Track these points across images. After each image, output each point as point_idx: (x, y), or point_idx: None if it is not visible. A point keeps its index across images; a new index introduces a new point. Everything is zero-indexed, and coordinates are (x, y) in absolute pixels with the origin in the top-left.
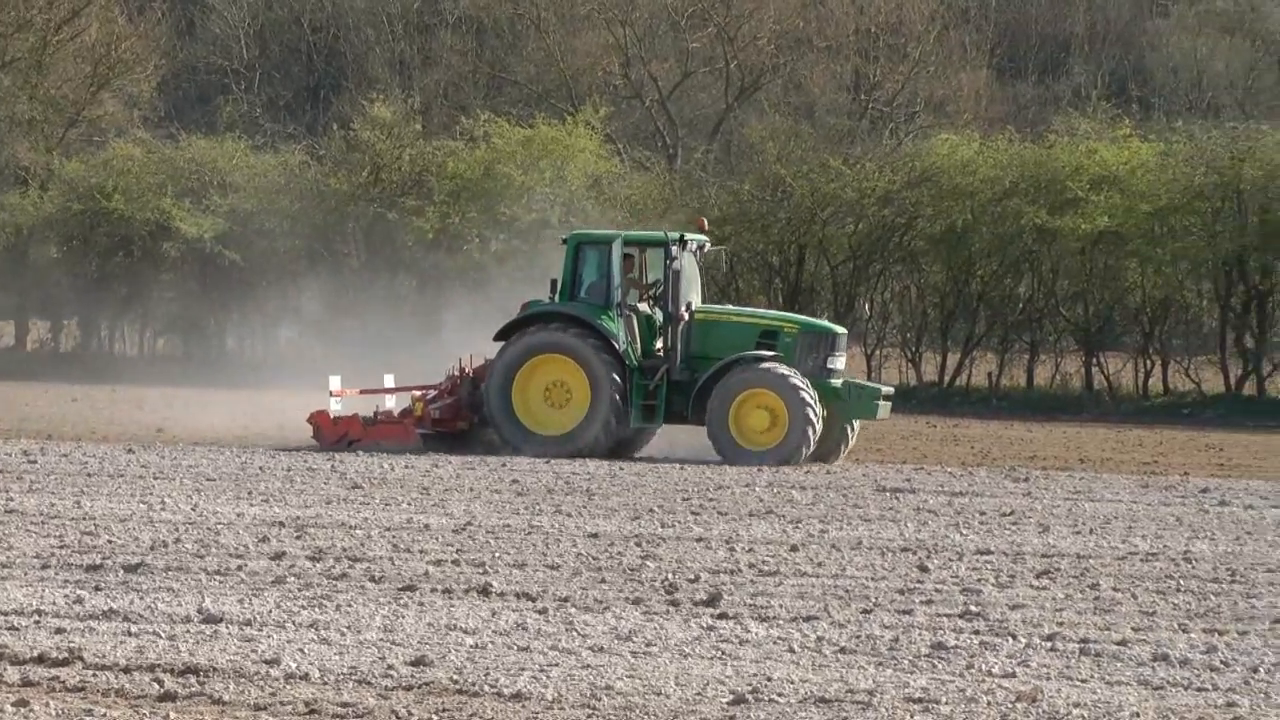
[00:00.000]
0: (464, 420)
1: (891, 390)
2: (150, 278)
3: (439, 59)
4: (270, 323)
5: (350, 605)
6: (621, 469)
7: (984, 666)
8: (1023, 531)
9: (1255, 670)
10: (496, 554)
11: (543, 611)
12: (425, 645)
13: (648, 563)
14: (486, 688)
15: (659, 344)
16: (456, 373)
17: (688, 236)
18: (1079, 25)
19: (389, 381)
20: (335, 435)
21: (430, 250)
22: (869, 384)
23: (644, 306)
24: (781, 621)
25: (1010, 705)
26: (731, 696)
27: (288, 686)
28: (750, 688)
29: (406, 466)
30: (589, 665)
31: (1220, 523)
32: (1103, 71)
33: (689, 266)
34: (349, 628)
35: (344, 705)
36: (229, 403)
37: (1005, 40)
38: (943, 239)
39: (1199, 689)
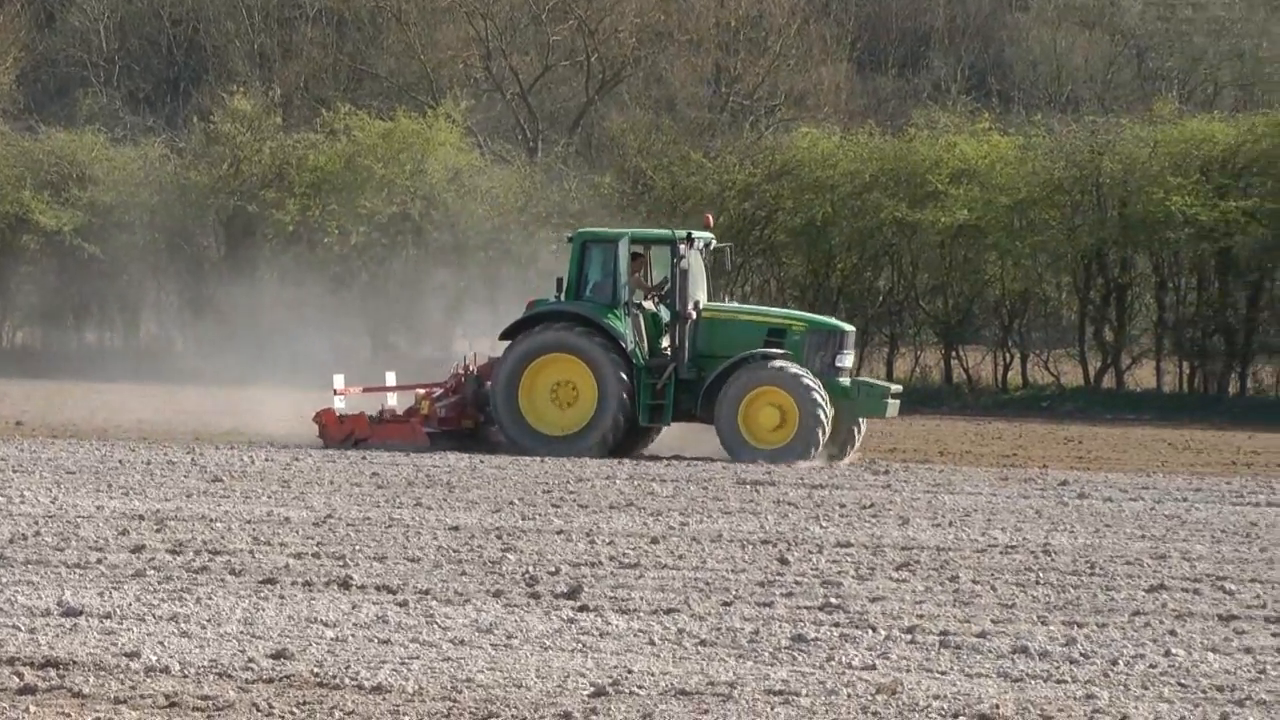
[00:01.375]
0: (469, 419)
1: (900, 389)
2: (9, 271)
3: (299, 52)
4: (130, 316)
5: (210, 598)
6: (482, 462)
7: (844, 659)
8: (882, 524)
9: (1114, 662)
10: (357, 547)
11: (403, 604)
12: (286, 638)
13: (508, 555)
14: (347, 680)
15: (665, 343)
16: (461, 371)
17: (695, 235)
18: (939, 19)
19: (390, 379)
20: (341, 434)
21: (290, 243)
22: (878, 382)
23: (649, 305)
24: (642, 614)
25: (870, 697)
26: (592, 689)
27: (148, 680)
28: (611, 680)
29: (267, 459)
30: (450, 658)
31: (1079, 515)
32: (962, 65)
33: (695, 264)
34: (209, 620)
35: (204, 698)
36: (89, 396)
37: (865, 34)
38: (803, 232)
39: (1058, 681)
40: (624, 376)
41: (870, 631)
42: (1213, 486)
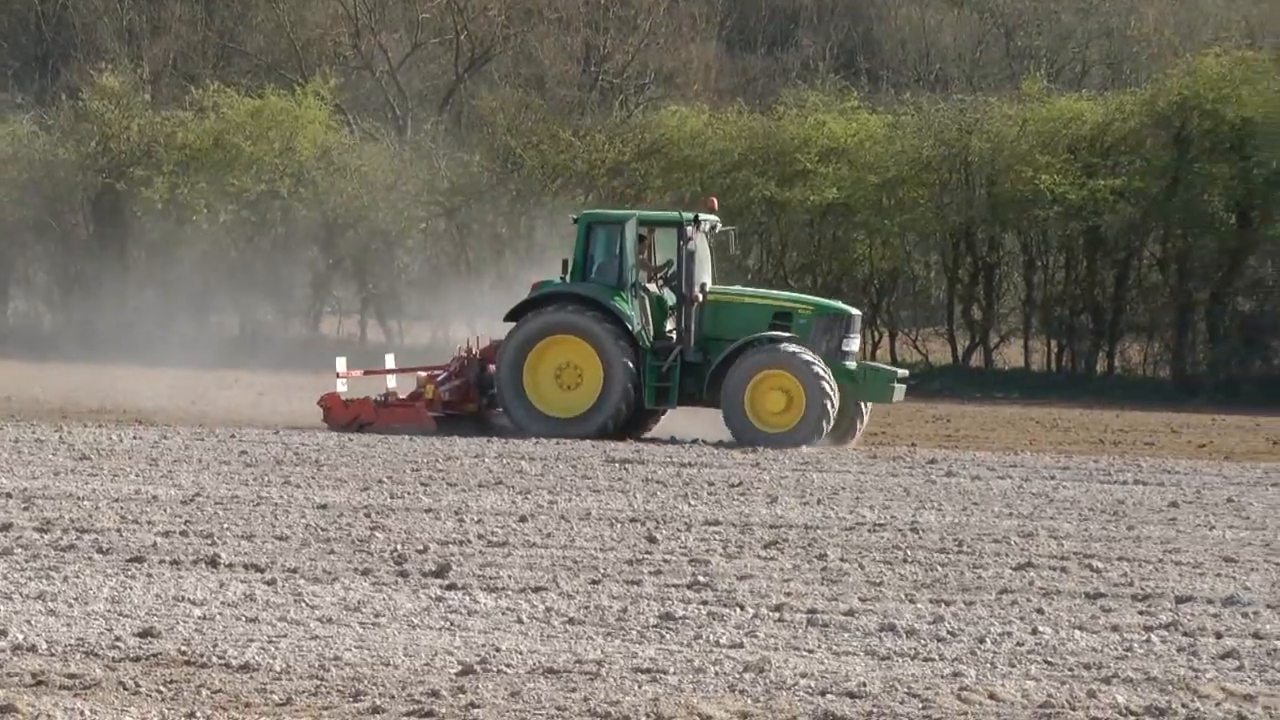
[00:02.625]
0: (472, 402)
1: (906, 373)
2: None
3: (168, 29)
4: None
5: (78, 576)
6: (351, 440)
7: (712, 637)
8: (751, 502)
9: (981, 640)
10: (225, 525)
11: (271, 582)
12: (153, 616)
13: (376, 534)
14: (215, 659)
15: (669, 325)
16: (464, 354)
17: (702, 217)
18: None
19: (390, 362)
20: (347, 418)
21: (159, 221)
22: (884, 366)
23: (653, 287)
24: (510, 592)
25: (738, 676)
26: (460, 667)
27: (15, 658)
28: (479, 658)
29: (135, 437)
30: (317, 636)
31: (947, 493)
32: (831, 44)
33: (701, 247)
34: (76, 599)
35: (71, 676)
36: None
37: (734, 12)
38: (672, 210)
39: (925, 659)
40: (630, 359)
41: (738, 610)
42: (1080, 465)
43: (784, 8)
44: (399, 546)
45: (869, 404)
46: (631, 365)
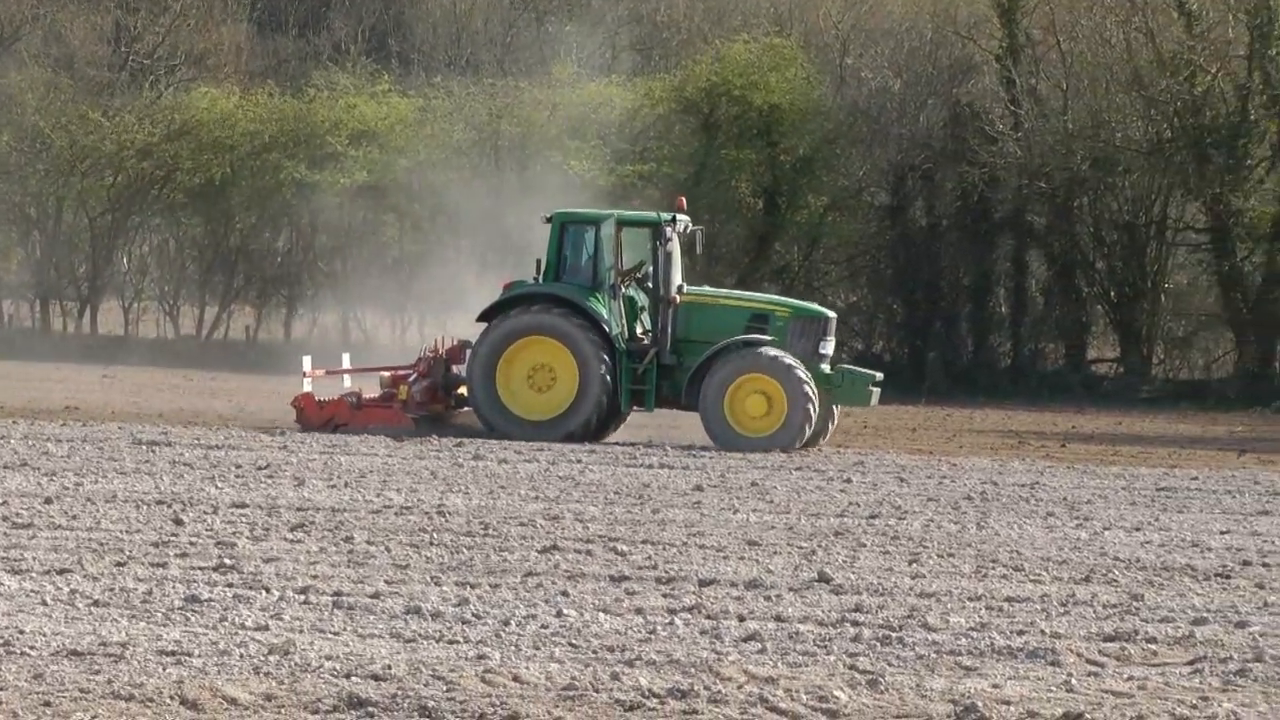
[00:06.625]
0: (439, 403)
1: (881, 376)
2: None
3: None
4: None
5: None
6: None
7: (237, 619)
8: (278, 485)
9: (506, 623)
10: None
11: None
12: None
13: None
14: None
15: (639, 327)
16: (430, 354)
17: (677, 218)
18: None
19: (346, 361)
20: (321, 419)
21: None
22: (861, 370)
23: (623, 288)
24: (34, 574)
25: (263, 658)
26: None
27: None
28: (3, 641)
29: None
30: None
31: (474, 476)
32: (363, 27)
33: (674, 248)
34: None
35: None
36: None
37: None
38: (201, 192)
39: (451, 641)
40: (606, 360)
41: (264, 592)
42: (606, 449)
43: None
44: None
45: (838, 406)
46: (608, 368)
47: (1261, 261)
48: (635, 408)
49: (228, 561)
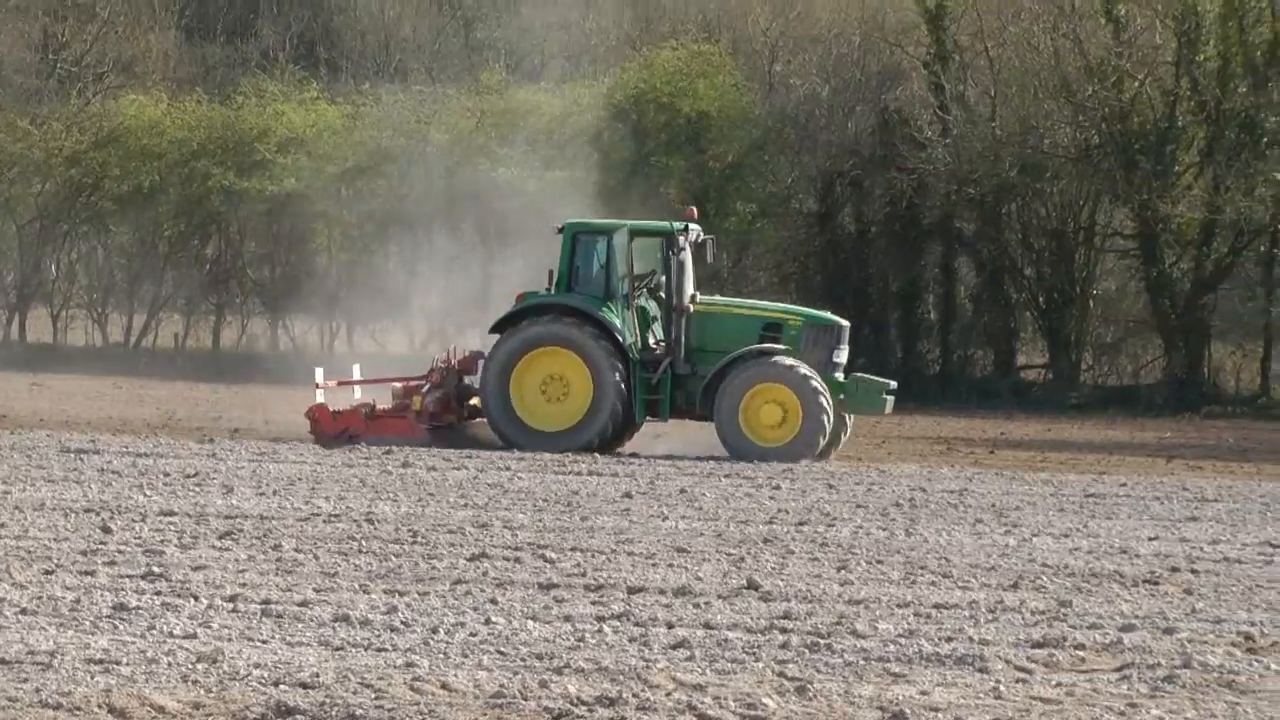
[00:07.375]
0: (452, 414)
1: (895, 385)
2: None
3: None
4: None
5: None
6: None
7: (165, 628)
8: (207, 493)
9: (435, 631)
10: None
11: None
12: None
13: None
14: None
15: (652, 337)
16: (442, 364)
17: (690, 227)
18: None
19: (356, 373)
20: (336, 430)
21: None
22: (875, 379)
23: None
24: None
25: (191, 666)
26: None
27: None
28: None
29: None
30: None
31: (403, 484)
32: (292, 34)
33: (686, 258)
34: None
35: None
36: None
37: (194, 1)
38: (130, 200)
39: (379, 649)
40: (620, 370)
41: (192, 600)
42: (535, 457)
43: None
44: None
45: (852, 415)
46: (622, 378)
47: (1189, 267)
48: (650, 418)
49: (156, 570)
